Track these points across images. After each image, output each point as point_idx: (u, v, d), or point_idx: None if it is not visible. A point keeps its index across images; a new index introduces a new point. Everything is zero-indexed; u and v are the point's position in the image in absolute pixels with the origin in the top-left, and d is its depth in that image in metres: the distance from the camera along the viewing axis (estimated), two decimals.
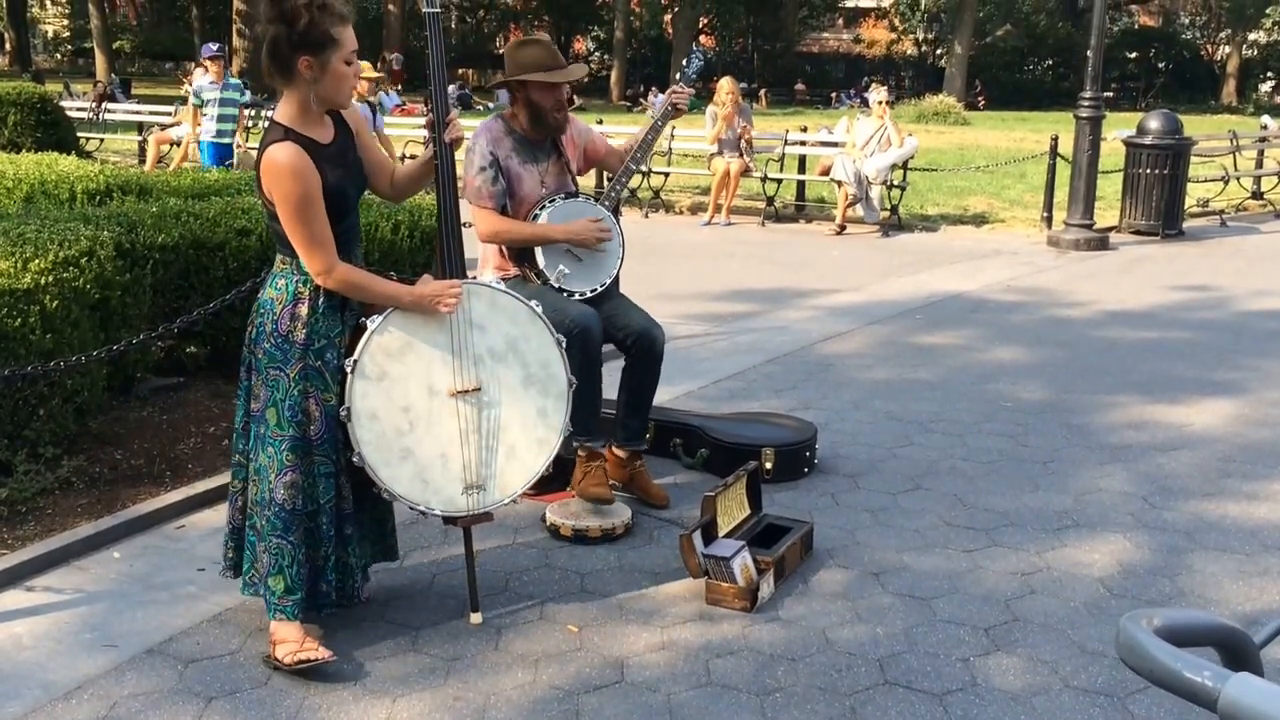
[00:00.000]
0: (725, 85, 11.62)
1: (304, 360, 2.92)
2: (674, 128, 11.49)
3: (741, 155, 11.51)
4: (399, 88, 30.55)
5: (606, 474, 3.97)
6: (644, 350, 3.99)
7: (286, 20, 2.78)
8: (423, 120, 3.27)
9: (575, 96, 31.70)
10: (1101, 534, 3.91)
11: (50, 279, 4.10)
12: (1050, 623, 3.27)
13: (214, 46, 11.02)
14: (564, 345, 3.26)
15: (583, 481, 3.91)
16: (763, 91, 37.69)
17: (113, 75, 31.64)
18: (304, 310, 2.92)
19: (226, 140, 10.87)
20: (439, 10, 3.19)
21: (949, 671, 3.01)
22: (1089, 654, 3.10)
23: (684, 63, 4.28)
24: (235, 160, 10.83)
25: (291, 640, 2.97)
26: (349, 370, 2.95)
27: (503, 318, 3.16)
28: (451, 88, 32.53)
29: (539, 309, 3.22)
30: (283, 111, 2.90)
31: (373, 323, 2.99)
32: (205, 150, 10.87)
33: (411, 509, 3.14)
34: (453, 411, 3.07)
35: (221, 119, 10.72)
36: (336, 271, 2.90)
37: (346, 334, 3.01)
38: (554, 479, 4.03)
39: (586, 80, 42.31)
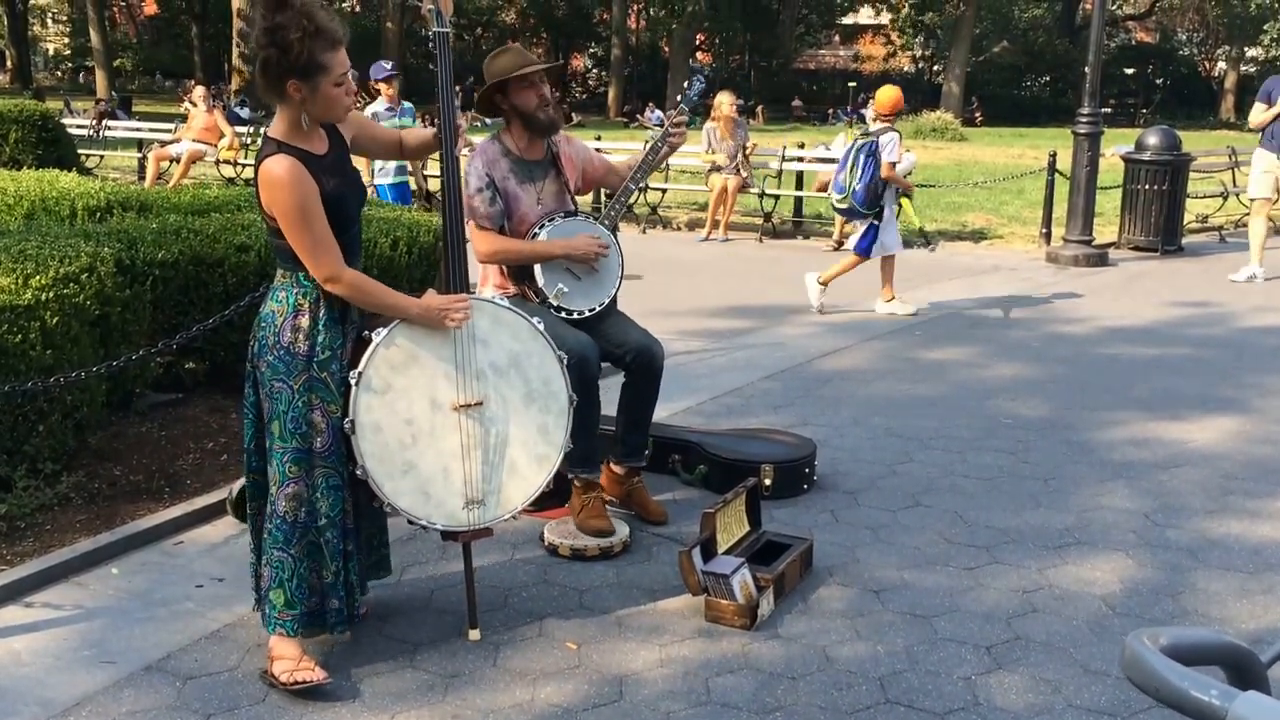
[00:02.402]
0: (724, 99, 11.67)
1: (308, 372, 2.92)
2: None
3: (739, 171, 11.55)
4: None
5: (604, 503, 3.96)
6: (643, 367, 3.99)
7: (279, 48, 2.79)
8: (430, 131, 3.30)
9: (574, 114, 31.82)
10: (1103, 552, 3.90)
11: (51, 295, 4.10)
12: (1052, 641, 3.26)
13: (388, 65, 8.80)
14: (565, 362, 3.26)
15: (582, 513, 3.90)
16: (759, 108, 37.85)
17: (113, 93, 31.78)
18: (305, 322, 2.92)
19: (405, 178, 8.93)
20: (448, 30, 3.19)
21: (950, 690, 2.99)
22: (1092, 673, 3.09)
23: (685, 85, 4.27)
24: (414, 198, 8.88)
25: (289, 658, 2.96)
26: (353, 383, 2.95)
27: (505, 333, 3.16)
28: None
29: (541, 325, 3.23)
30: (276, 126, 2.92)
31: (378, 335, 2.98)
32: (385, 195, 8.70)
33: (412, 523, 3.13)
34: (455, 425, 3.07)
35: None
36: (345, 276, 2.90)
37: (348, 346, 3.00)
38: (553, 496, 4.02)
39: (584, 96, 42.48)
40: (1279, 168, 9.20)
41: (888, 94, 7.79)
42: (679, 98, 4.18)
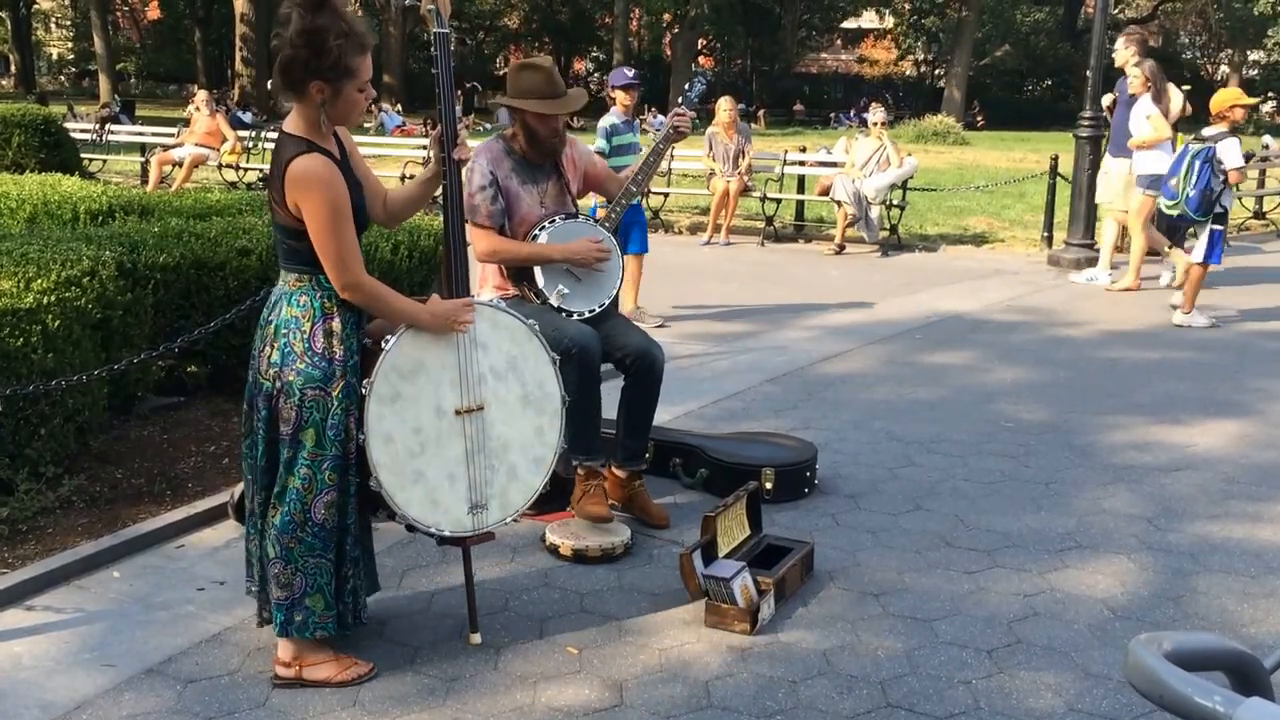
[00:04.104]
0: (723, 104, 11.72)
1: (344, 377, 2.86)
2: (673, 148, 11.58)
3: (740, 174, 11.56)
4: (399, 107, 30.70)
5: (606, 493, 3.96)
6: (643, 370, 3.99)
7: (313, 50, 2.72)
8: (424, 140, 3.26)
9: (575, 117, 31.84)
10: (1105, 556, 3.89)
11: (53, 299, 4.10)
12: (1054, 645, 3.26)
13: (629, 73, 7.81)
14: (558, 363, 3.26)
15: (582, 500, 3.91)
16: (761, 112, 37.86)
17: (116, 97, 31.81)
18: (336, 325, 2.86)
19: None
20: (447, 31, 3.19)
21: (951, 694, 2.99)
22: (1093, 677, 3.08)
23: (685, 86, 4.30)
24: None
25: (326, 660, 2.97)
26: (365, 393, 2.89)
27: (504, 337, 3.16)
28: (456, 110, 32.60)
29: (535, 327, 3.23)
30: (295, 124, 2.84)
31: (386, 344, 2.94)
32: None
33: (419, 531, 3.10)
34: (459, 431, 3.06)
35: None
36: (366, 284, 2.85)
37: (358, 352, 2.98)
38: (553, 498, 4.02)
39: (586, 102, 42.46)
40: (1116, 169, 9.10)
41: (1220, 96, 7.53)
42: (680, 99, 4.22)
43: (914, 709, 2.91)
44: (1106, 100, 9.28)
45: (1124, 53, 8.94)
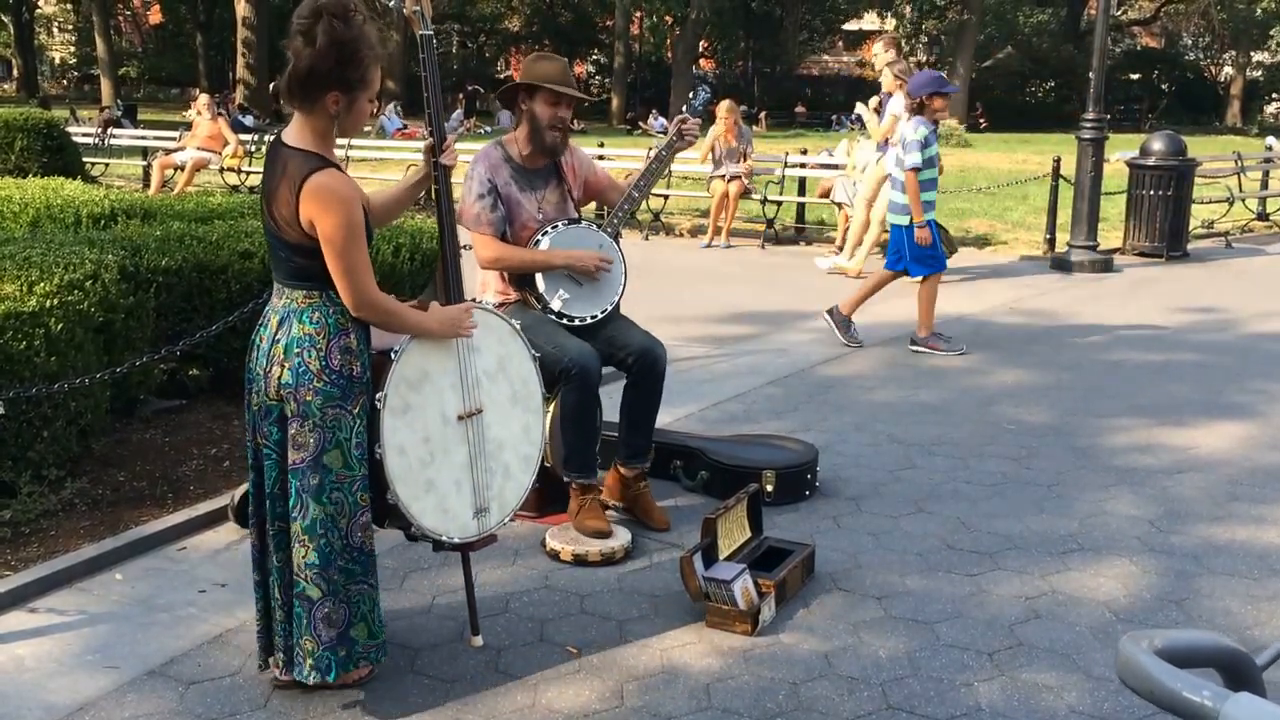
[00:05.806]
0: (724, 109, 11.73)
1: (364, 394, 2.80)
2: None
3: (741, 176, 11.57)
4: (399, 110, 30.73)
5: (602, 505, 3.97)
6: (646, 368, 3.99)
7: (343, 61, 2.67)
8: (423, 144, 3.24)
9: (576, 120, 31.88)
10: (1107, 558, 3.89)
11: (55, 302, 4.11)
12: (1055, 648, 3.25)
13: (945, 76, 7.16)
14: (539, 361, 3.27)
15: (579, 515, 3.90)
16: (762, 114, 37.88)
17: (118, 101, 31.89)
18: (353, 341, 2.79)
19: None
20: (432, 33, 3.20)
21: (952, 696, 2.99)
22: (1095, 679, 3.08)
23: (690, 95, 4.32)
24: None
25: None
26: (380, 405, 2.84)
27: (493, 338, 3.17)
28: (458, 113, 32.66)
29: (517, 324, 3.23)
30: (301, 136, 2.76)
31: (394, 355, 2.90)
32: (924, 238, 6.79)
33: (431, 538, 3.08)
34: (462, 437, 3.06)
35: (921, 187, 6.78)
36: (380, 301, 2.79)
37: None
38: (554, 501, 4.03)
39: (586, 104, 42.55)
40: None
41: None
42: (684, 107, 4.23)
43: (915, 711, 2.91)
44: (873, 102, 9.48)
45: (881, 55, 9.18)
